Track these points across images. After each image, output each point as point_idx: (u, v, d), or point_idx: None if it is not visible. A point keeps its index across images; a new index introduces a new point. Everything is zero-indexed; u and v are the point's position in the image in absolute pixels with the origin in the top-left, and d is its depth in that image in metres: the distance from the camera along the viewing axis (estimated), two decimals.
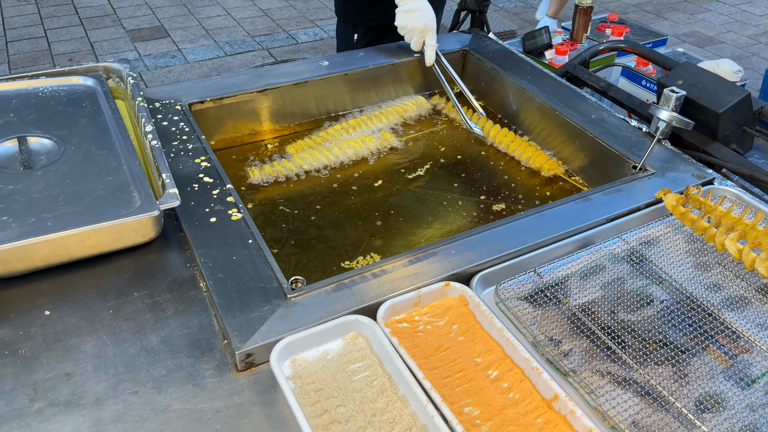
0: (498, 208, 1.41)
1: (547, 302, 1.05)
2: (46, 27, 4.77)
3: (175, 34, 4.67)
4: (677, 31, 4.91)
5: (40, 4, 5.15)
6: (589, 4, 2.11)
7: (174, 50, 4.44)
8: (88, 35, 4.66)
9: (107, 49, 4.46)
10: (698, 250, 1.16)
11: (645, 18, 5.16)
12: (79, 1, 5.23)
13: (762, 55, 4.55)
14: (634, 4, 5.46)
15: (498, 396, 0.89)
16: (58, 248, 1.03)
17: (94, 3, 5.22)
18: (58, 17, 4.94)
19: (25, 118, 1.28)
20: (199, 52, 4.40)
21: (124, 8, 5.13)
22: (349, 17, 1.99)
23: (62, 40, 4.57)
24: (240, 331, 0.94)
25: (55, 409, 0.87)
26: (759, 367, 0.94)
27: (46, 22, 4.84)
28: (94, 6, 5.17)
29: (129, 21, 4.89)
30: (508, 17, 5.02)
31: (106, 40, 4.60)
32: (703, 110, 1.36)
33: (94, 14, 5.01)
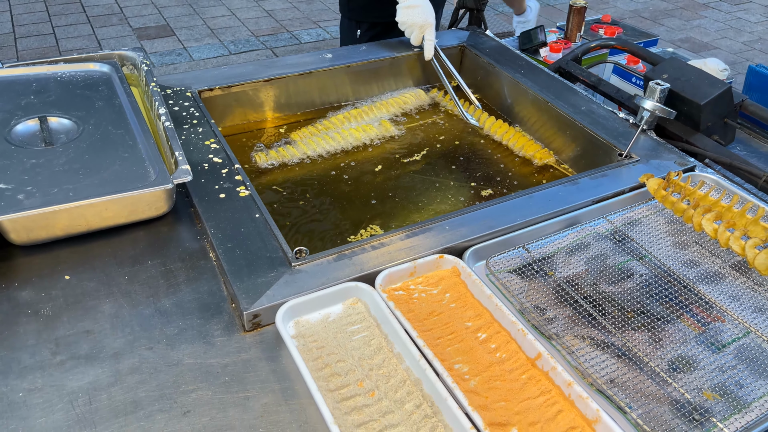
0: (490, 193, 1.48)
1: (534, 275, 1.12)
2: (54, 24, 4.85)
3: (181, 33, 4.76)
4: (673, 37, 5.00)
5: (49, 2, 5.24)
6: (582, 5, 2.19)
7: (179, 48, 4.52)
8: (96, 33, 4.75)
9: (114, 47, 4.54)
10: (677, 230, 1.23)
11: (641, 24, 5.25)
12: (86, 0, 5.32)
13: (755, 60, 4.63)
14: (631, 9, 5.56)
15: (486, 355, 0.96)
16: (78, 218, 1.11)
17: (101, 2, 5.31)
18: (66, 15, 5.03)
19: (45, 100, 1.35)
20: (204, 51, 4.48)
21: (130, 7, 5.22)
22: (353, 14, 2.07)
23: (70, 37, 4.65)
24: (248, 294, 1.02)
25: (76, 362, 0.94)
26: (729, 334, 1.01)
27: (54, 20, 4.93)
28: (101, 4, 5.25)
29: (135, 20, 4.98)
30: (508, 20, 5.11)
31: (113, 37, 4.68)
32: (687, 102, 1.44)
33: (102, 12, 5.10)
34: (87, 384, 0.91)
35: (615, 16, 5.35)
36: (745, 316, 1.04)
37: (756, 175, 1.33)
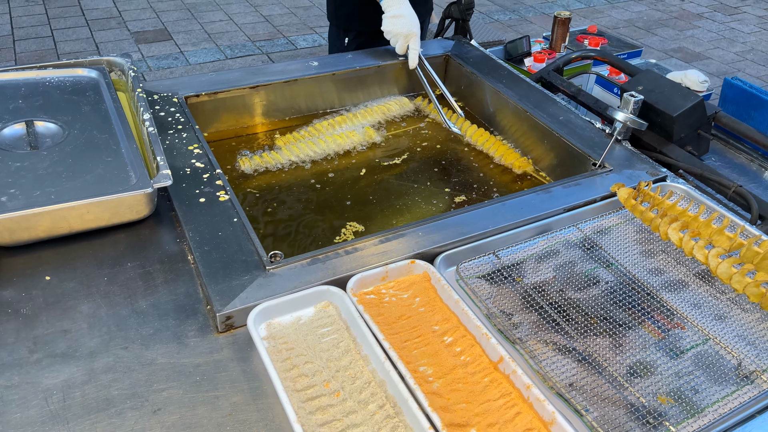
0: (465, 199, 1.51)
1: (503, 281, 1.15)
2: (53, 27, 4.89)
3: (178, 37, 4.80)
4: (665, 47, 5.05)
5: (48, 5, 5.28)
6: (567, 16, 2.23)
7: (176, 52, 4.56)
8: (94, 36, 4.79)
9: (111, 50, 4.58)
10: (646, 239, 1.26)
11: (635, 33, 5.30)
12: (86, 3, 5.36)
13: (747, 71, 4.68)
14: (626, 19, 5.60)
15: (450, 358, 0.99)
16: (60, 220, 1.14)
17: (100, 5, 5.35)
18: (65, 18, 5.07)
19: (32, 105, 1.38)
20: (200, 55, 4.52)
21: (129, 11, 5.26)
22: (341, 22, 2.10)
23: (68, 40, 4.69)
24: (221, 296, 1.05)
25: (52, 360, 0.97)
26: (689, 341, 1.04)
27: (53, 23, 4.97)
28: (100, 8, 5.30)
29: (134, 23, 5.02)
30: (502, 29, 5.16)
31: (111, 41, 4.72)
32: (660, 114, 1.47)
33: (100, 16, 5.14)
34: (62, 381, 0.94)
35: (609, 25, 5.40)
36: (705, 324, 1.07)
37: (725, 185, 1.37)
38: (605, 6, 5.93)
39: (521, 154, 1.67)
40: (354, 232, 1.39)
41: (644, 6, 5.94)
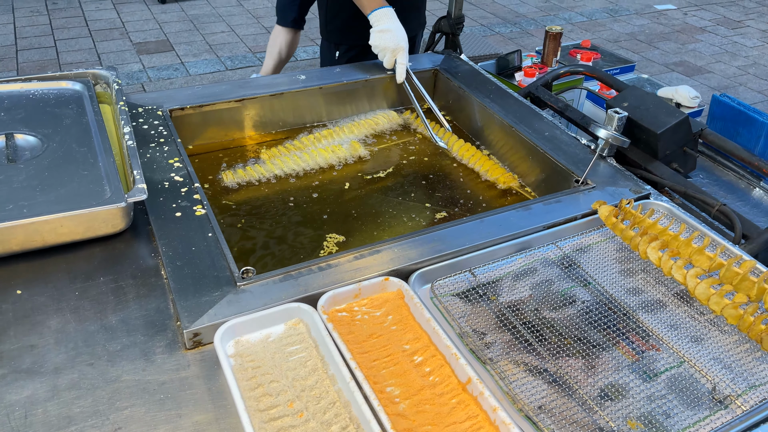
0: (446, 215, 1.50)
1: (478, 299, 1.13)
2: (56, 37, 4.94)
3: (180, 48, 4.83)
4: (667, 60, 5.03)
5: (53, 16, 5.33)
6: (558, 31, 2.22)
7: (177, 63, 4.59)
8: (96, 47, 4.82)
9: (113, 60, 4.62)
10: (626, 258, 1.25)
11: (637, 47, 5.29)
12: (90, 15, 5.41)
13: (749, 85, 4.65)
14: (627, 32, 5.60)
15: (419, 378, 0.98)
16: (33, 234, 1.13)
17: (104, 17, 5.40)
18: (69, 29, 5.11)
19: (14, 117, 1.39)
20: (201, 66, 4.55)
21: (132, 22, 5.30)
22: (332, 36, 2.11)
23: (71, 51, 4.73)
24: (190, 313, 1.04)
25: (17, 375, 0.96)
26: (663, 363, 1.02)
27: (56, 33, 5.01)
28: (104, 19, 5.34)
29: (136, 34, 5.06)
30: (503, 42, 5.16)
31: (113, 51, 4.76)
32: (644, 130, 1.46)
33: (104, 27, 5.18)
34: (24, 398, 0.93)
35: (611, 38, 5.39)
36: (681, 346, 1.05)
37: (709, 204, 1.35)
38: (607, 19, 5.93)
39: (507, 169, 1.66)
40: (336, 244, 1.38)
41: (646, 20, 5.94)
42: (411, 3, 2.05)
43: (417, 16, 2.12)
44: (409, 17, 2.04)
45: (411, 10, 2.06)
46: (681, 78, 4.75)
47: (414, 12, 2.09)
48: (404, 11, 1.99)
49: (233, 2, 5.80)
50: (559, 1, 6.34)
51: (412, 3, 2.06)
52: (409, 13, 2.03)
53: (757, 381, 0.99)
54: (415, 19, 2.11)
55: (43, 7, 5.50)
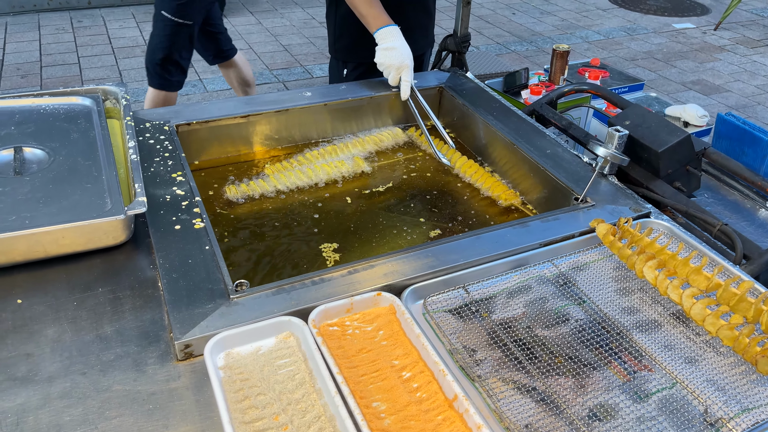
0: (439, 232, 1.50)
1: (470, 316, 1.13)
2: (80, 54, 5.07)
3: (198, 65, 4.92)
4: (684, 79, 4.99)
5: (77, 33, 5.48)
6: (565, 49, 2.22)
7: (195, 80, 4.67)
8: (118, 64, 4.94)
9: (134, 77, 4.72)
10: (622, 277, 1.24)
11: (653, 65, 5.26)
12: (113, 33, 5.55)
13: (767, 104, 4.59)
14: (645, 51, 5.58)
15: (406, 394, 0.98)
16: (35, 245, 1.16)
17: (127, 35, 5.53)
18: (92, 46, 5.25)
19: (24, 131, 1.43)
20: (218, 83, 4.62)
21: None
22: (340, 54, 2.14)
23: (93, 67, 4.85)
24: (182, 324, 1.05)
25: (11, 383, 0.98)
26: (655, 384, 1.01)
27: (80, 50, 5.14)
28: (127, 37, 5.47)
29: None
30: (518, 60, 5.17)
31: (134, 68, 4.86)
32: (646, 149, 1.45)
33: (126, 44, 5.30)
34: (17, 405, 0.95)
35: (627, 56, 5.37)
36: (675, 367, 1.03)
37: (711, 223, 1.33)
38: (624, 38, 5.91)
39: (510, 186, 1.66)
40: (333, 258, 1.39)
41: (664, 38, 5.91)
42: (418, 22, 2.07)
43: (424, 35, 2.14)
44: (415, 36, 2.06)
45: (418, 29, 2.08)
46: (698, 97, 4.71)
47: (421, 31, 2.11)
48: (411, 30, 2.01)
49: (252, 21, 5.91)
50: (576, 19, 6.35)
51: (419, 22, 2.08)
52: (415, 31, 2.05)
53: (751, 404, 0.97)
54: (423, 37, 2.13)
55: (68, 24, 5.65)
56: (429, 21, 2.15)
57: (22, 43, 5.20)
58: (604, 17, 6.45)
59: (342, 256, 1.40)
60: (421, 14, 2.08)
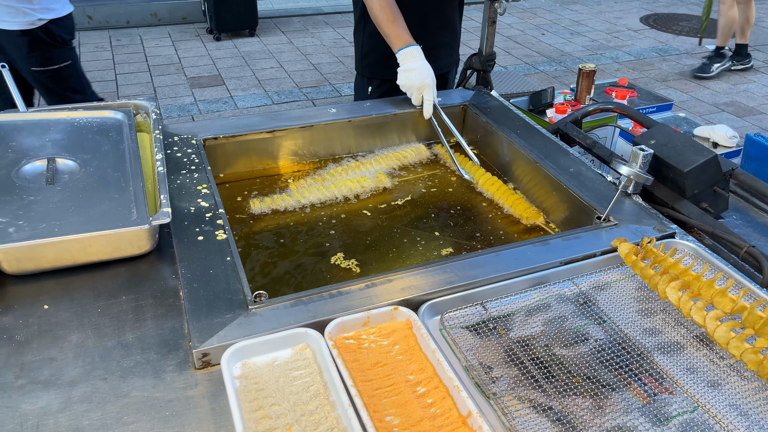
0: (468, 248, 1.50)
1: (487, 333, 1.12)
2: (117, 72, 5.23)
3: (230, 83, 5.03)
4: (717, 101, 4.91)
5: (115, 51, 5.66)
6: (591, 68, 2.22)
7: (226, 97, 4.77)
8: (153, 80, 5.08)
9: (168, 94, 4.84)
10: (645, 297, 1.21)
11: (686, 86, 5.19)
12: (150, 51, 5.72)
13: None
14: (677, 71, 5.51)
15: (420, 409, 0.97)
16: (63, 252, 1.20)
17: (163, 53, 5.69)
18: (129, 63, 5.41)
19: (58, 143, 1.48)
20: (248, 100, 4.71)
21: (188, 58, 5.57)
22: (366, 71, 2.16)
23: (129, 84, 4.99)
24: (201, 333, 1.07)
25: (34, 386, 1.01)
26: (676, 407, 0.98)
27: (117, 67, 5.31)
28: (162, 55, 5.63)
29: (191, 69, 5.30)
30: (546, 80, 5.16)
31: (168, 85, 4.99)
32: (671, 169, 1.43)
33: (161, 62, 5.46)
34: (39, 408, 0.97)
35: (659, 77, 5.32)
36: (697, 390, 1.01)
37: (737, 245, 1.31)
38: (655, 59, 5.86)
39: (533, 204, 1.65)
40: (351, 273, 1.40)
41: (697, 60, 5.83)
42: (442, 41, 2.09)
43: (448, 54, 2.16)
44: (440, 54, 2.08)
45: (443, 47, 2.10)
46: (731, 118, 4.63)
47: (446, 50, 2.13)
48: (436, 48, 2.03)
49: (284, 40, 6.02)
50: (606, 40, 6.32)
51: (444, 41, 2.10)
52: (440, 50, 2.07)
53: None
54: (447, 56, 2.15)
55: (107, 43, 5.84)
56: (454, 40, 2.17)
57: None
58: (635, 38, 6.41)
59: (360, 271, 1.41)
60: (447, 33, 2.10)
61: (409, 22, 1.90)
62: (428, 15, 2.02)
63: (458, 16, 2.15)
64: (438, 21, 2.05)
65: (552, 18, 6.98)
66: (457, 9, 2.13)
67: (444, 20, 2.07)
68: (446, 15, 2.07)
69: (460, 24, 2.17)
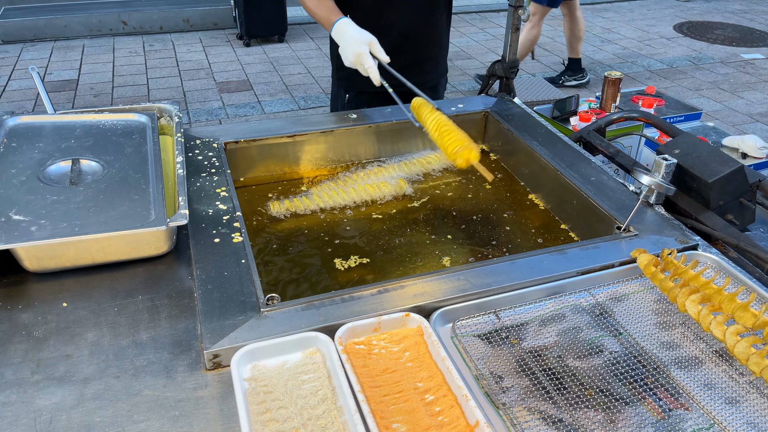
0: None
1: (500, 342, 1.11)
2: (149, 76, 5.34)
3: (258, 88, 5.09)
4: (751, 111, 4.79)
5: (148, 56, 5.78)
6: (617, 77, 2.18)
7: (254, 101, 4.83)
8: (183, 85, 5.17)
9: (197, 98, 4.92)
10: (664, 310, 1.19)
11: (719, 96, 5.08)
12: (181, 56, 5.82)
13: None
14: (710, 81, 5.39)
15: (427, 417, 0.96)
16: (83, 251, 1.22)
17: (194, 58, 5.79)
18: (161, 68, 5.52)
19: (83, 144, 1.51)
20: (275, 105, 4.76)
21: (218, 63, 5.66)
22: (342, 82, 2.14)
23: (160, 88, 5.09)
24: (212, 335, 1.07)
25: (49, 382, 1.03)
26: (691, 423, 0.96)
27: (149, 72, 5.42)
28: (193, 60, 5.73)
29: (220, 74, 5.38)
30: (575, 88, 5.09)
31: (197, 90, 5.08)
32: (696, 179, 1.40)
33: (192, 67, 5.55)
34: (53, 404, 0.99)
35: (692, 86, 5.21)
36: (714, 407, 0.98)
37: (763, 259, 1.27)
38: (689, 67, 5.74)
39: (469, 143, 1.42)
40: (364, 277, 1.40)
41: (731, 68, 5.70)
42: (427, 54, 2.05)
43: (435, 67, 2.12)
44: (427, 68, 2.07)
45: (428, 61, 2.07)
46: (766, 129, 4.51)
47: (431, 63, 2.10)
48: (421, 63, 2.03)
49: (312, 46, 6.08)
50: (638, 48, 6.22)
51: (429, 54, 2.06)
52: (426, 64, 2.05)
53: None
54: (433, 70, 2.11)
55: (140, 48, 5.97)
56: (440, 52, 2.13)
57: (97, 64, 5.52)
58: (668, 46, 6.30)
59: (374, 276, 1.41)
60: (432, 46, 2.07)
61: (394, 36, 1.89)
62: (413, 29, 1.99)
63: (446, 28, 2.10)
64: (424, 35, 2.01)
65: None
66: (445, 22, 2.08)
67: (430, 34, 2.03)
68: (432, 29, 2.03)
69: (447, 37, 2.13)
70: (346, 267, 1.44)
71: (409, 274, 1.41)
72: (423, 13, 1.99)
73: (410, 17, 1.97)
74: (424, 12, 1.99)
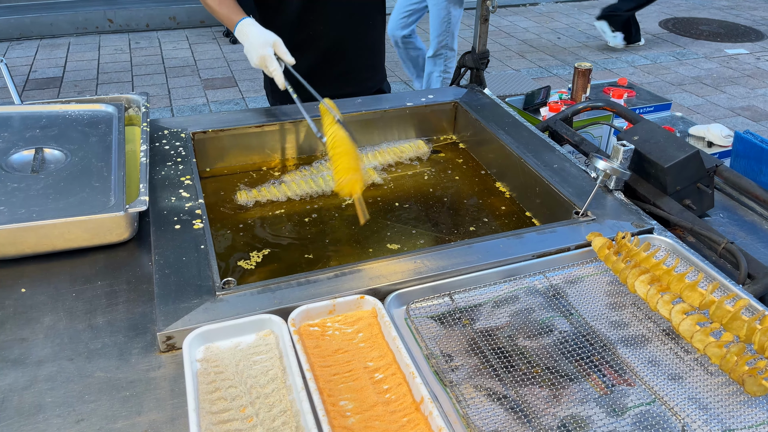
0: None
1: (452, 323, 1.12)
2: (134, 73, 5.33)
3: (243, 84, 5.09)
4: (733, 105, 4.83)
5: (134, 54, 5.77)
6: (587, 67, 2.20)
7: (238, 98, 4.83)
8: (168, 82, 5.16)
9: (181, 95, 4.92)
10: (615, 292, 1.20)
11: (701, 90, 5.12)
12: (167, 53, 5.82)
13: None
14: (693, 76, 5.43)
15: (374, 395, 0.98)
16: (42, 238, 1.23)
17: (179, 55, 5.78)
18: (146, 65, 5.51)
19: (48, 134, 1.52)
20: (260, 101, 4.77)
21: (204, 60, 5.65)
22: (269, 97, 2.19)
23: (145, 85, 5.09)
24: (166, 317, 1.09)
25: (3, 364, 1.04)
26: (633, 398, 0.97)
27: (134, 69, 5.41)
28: (179, 57, 5.73)
29: (205, 71, 5.38)
30: (559, 83, 5.12)
31: (182, 87, 5.07)
32: (653, 164, 1.42)
33: (177, 64, 5.55)
34: (5, 385, 1.00)
35: (674, 81, 5.25)
36: (656, 383, 1.00)
37: (716, 241, 1.29)
38: (672, 62, 5.78)
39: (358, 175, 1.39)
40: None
41: (715, 64, 5.75)
42: (362, 63, 2.07)
43: (373, 74, 2.14)
44: (364, 76, 2.09)
45: (365, 69, 2.09)
46: (747, 123, 4.55)
47: (369, 70, 2.11)
48: (358, 71, 2.06)
49: None
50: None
51: (364, 63, 2.08)
52: (362, 72, 2.08)
53: (734, 425, 0.92)
54: (372, 76, 2.13)
55: (126, 45, 5.96)
56: (376, 59, 2.13)
57: (83, 62, 5.51)
58: (652, 42, 6.34)
59: (335, 261, 1.42)
60: (366, 54, 2.07)
61: (326, 46, 1.91)
62: (346, 39, 1.98)
63: (381, 33, 2.10)
64: (357, 44, 2.01)
65: (569, 22, 6.94)
66: (380, 26, 2.08)
67: (364, 42, 2.04)
68: (366, 37, 2.04)
69: (382, 43, 2.13)
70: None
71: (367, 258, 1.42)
72: (354, 19, 1.96)
73: (339, 24, 1.94)
74: (355, 18, 1.96)
